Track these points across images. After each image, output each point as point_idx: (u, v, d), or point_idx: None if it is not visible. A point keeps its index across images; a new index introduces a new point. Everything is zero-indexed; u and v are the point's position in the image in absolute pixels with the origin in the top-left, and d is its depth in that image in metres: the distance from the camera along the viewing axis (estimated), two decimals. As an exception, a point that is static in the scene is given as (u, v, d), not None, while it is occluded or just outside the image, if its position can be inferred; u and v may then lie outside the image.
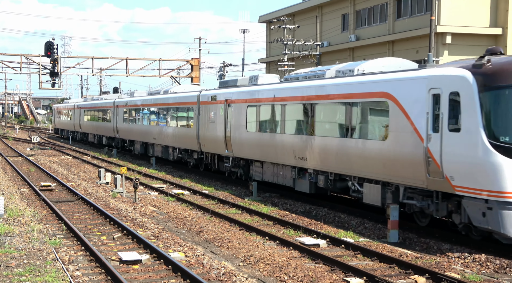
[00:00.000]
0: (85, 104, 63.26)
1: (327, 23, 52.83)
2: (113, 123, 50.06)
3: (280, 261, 14.66)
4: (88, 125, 61.68)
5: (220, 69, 71.84)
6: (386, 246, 16.33)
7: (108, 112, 52.14)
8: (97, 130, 57.38)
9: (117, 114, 48.87)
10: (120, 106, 48.54)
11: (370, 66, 20.66)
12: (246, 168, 28.21)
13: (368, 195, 19.27)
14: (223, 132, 29.18)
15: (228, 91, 29.60)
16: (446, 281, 12.78)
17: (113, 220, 19.41)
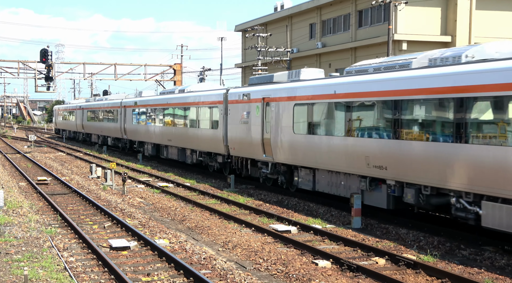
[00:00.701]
0: (88, 105, 57.06)
1: (296, 32, 52.91)
2: (120, 123, 44.12)
3: (255, 246, 14.65)
4: (92, 125, 55.44)
5: (200, 73, 71.72)
6: (350, 232, 16.40)
7: (114, 112, 46.06)
8: (102, 131, 51.04)
9: (125, 114, 43.04)
10: (128, 107, 42.52)
11: (479, 52, 15.01)
12: (288, 175, 22.67)
13: (490, 217, 13.49)
14: (259, 134, 23.47)
15: (266, 88, 23.48)
16: (403, 262, 12.87)
17: (103, 211, 19.24)
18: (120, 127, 44.34)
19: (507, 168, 12.76)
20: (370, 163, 17.21)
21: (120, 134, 44.89)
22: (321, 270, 12.54)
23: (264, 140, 23.16)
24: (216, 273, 12.15)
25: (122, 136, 44.41)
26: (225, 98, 26.80)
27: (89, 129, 56.74)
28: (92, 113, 54.85)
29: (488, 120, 13.75)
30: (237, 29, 63.33)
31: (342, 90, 18.61)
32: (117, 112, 45.06)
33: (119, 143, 46.99)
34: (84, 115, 57.83)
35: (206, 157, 29.80)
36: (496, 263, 12.99)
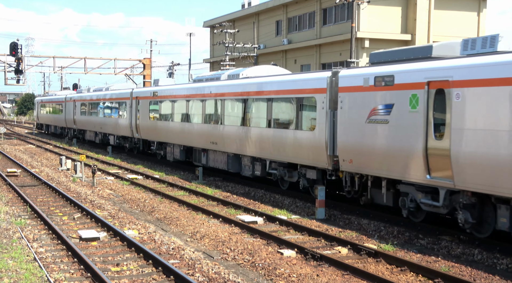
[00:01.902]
0: (83, 97, 47.01)
1: (263, 28, 52.89)
2: (130, 119, 35.22)
3: (223, 237, 14.63)
4: (87, 121, 45.28)
5: (169, 68, 71.26)
6: (314, 222, 16.50)
7: (121, 106, 37.26)
8: (102, 127, 41.50)
9: (137, 108, 34.12)
10: (142, 98, 33.58)
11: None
12: (479, 211, 13.63)
13: None
14: (421, 141, 14.30)
15: (438, 65, 14.04)
16: (364, 251, 13.00)
17: (73, 202, 18.97)
18: (130, 123, 35.25)
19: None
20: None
21: (129, 132, 35.79)
22: (286, 259, 12.59)
23: (431, 150, 14.12)
24: (184, 263, 12.10)
25: (133, 135, 35.29)
26: (331, 84, 17.85)
27: (83, 125, 46.77)
28: (88, 106, 45.12)
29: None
30: (206, 25, 63.02)
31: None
32: (126, 105, 36.24)
33: (125, 143, 37.60)
34: (76, 109, 48.04)
35: (283, 170, 20.68)
36: (452, 252, 13.22)
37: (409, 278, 11.42)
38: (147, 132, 32.95)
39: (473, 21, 42.81)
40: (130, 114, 35.46)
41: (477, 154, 12.85)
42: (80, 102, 47.20)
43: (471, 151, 13.01)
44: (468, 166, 13.09)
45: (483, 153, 12.73)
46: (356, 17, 37.62)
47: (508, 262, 12.19)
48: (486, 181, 12.70)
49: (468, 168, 13.09)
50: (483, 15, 43.12)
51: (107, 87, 43.06)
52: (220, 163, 24.88)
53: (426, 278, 11.34)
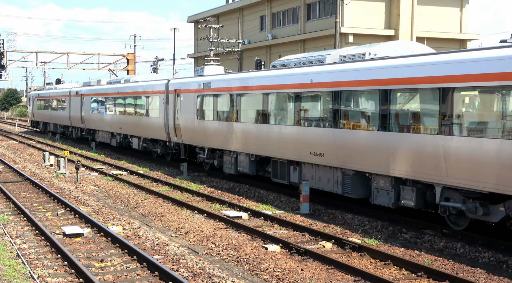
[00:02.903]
0: (93, 90, 39.63)
1: (248, 23, 52.81)
2: (166, 119, 27.85)
3: (207, 232, 14.62)
4: (100, 119, 37.96)
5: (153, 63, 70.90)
6: (298, 217, 16.54)
7: (152, 101, 30.00)
8: (122, 128, 33.85)
9: (178, 104, 26.61)
10: (185, 91, 25.86)
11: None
12: None
13: None
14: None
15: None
16: (349, 246, 13.07)
17: (57, 198, 18.84)
18: (165, 124, 27.99)
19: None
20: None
21: (162, 135, 28.56)
22: (271, 254, 12.62)
23: None
24: (169, 258, 12.08)
25: (169, 138, 28.01)
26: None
27: (94, 124, 39.28)
28: (101, 101, 37.95)
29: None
30: (190, 20, 62.77)
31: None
32: (158, 101, 29.07)
33: (155, 147, 30.46)
34: (85, 104, 40.47)
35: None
36: (435, 246, 13.34)
37: (392, 272, 11.50)
38: (192, 135, 25.33)
39: (455, 17, 43.11)
40: (165, 112, 27.94)
41: None
42: (90, 96, 39.39)
43: None
44: None
45: None
46: (340, 12, 37.69)
47: (490, 255, 12.32)
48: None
49: None
50: (466, 11, 43.42)
51: (127, 79, 35.80)
52: (327, 184, 17.42)
53: (410, 272, 11.43)
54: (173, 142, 27.81)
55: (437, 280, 10.84)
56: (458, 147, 12.73)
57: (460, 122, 12.90)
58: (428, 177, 13.71)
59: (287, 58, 20.72)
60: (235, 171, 22.45)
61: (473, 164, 12.40)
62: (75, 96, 43.06)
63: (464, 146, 12.61)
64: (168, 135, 28.00)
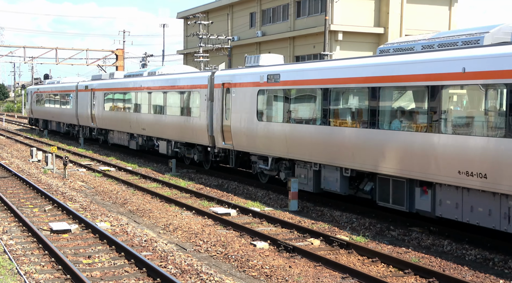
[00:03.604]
0: (107, 84, 34.37)
1: (237, 20, 52.74)
2: (208, 118, 22.93)
3: (196, 229, 14.61)
4: (116, 118, 32.62)
5: (142, 59, 70.65)
6: (287, 214, 16.57)
7: (191, 96, 24.64)
8: (147, 129, 28.62)
9: (224, 99, 21.74)
10: (238, 86, 20.96)
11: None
12: None
13: None
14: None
15: None
16: (337, 243, 13.11)
17: (44, 194, 18.74)
18: (209, 125, 22.84)
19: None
20: None
21: (204, 139, 23.36)
22: (259, 251, 12.63)
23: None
24: (157, 255, 12.06)
25: (213, 143, 22.84)
26: None
27: (108, 123, 34.15)
28: (119, 98, 32.56)
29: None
30: (179, 16, 62.58)
31: None
32: (198, 97, 23.81)
33: (191, 153, 25.41)
34: (97, 100, 35.30)
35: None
36: (422, 243, 13.41)
37: (380, 269, 11.55)
38: (248, 140, 20.40)
39: (444, 15, 43.29)
40: (208, 110, 22.90)
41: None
42: (103, 91, 34.46)
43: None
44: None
45: None
46: (329, 10, 37.73)
47: (477, 253, 12.41)
48: None
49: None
50: (455, 9, 43.63)
51: (152, 71, 30.06)
52: (487, 217, 12.42)
53: (397, 269, 11.48)
54: (219, 148, 22.56)
55: (424, 277, 10.90)
56: None
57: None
58: None
59: (404, 40, 15.75)
60: (315, 188, 17.45)
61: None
62: (83, 91, 37.33)
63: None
64: (212, 139, 22.74)
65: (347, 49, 39.86)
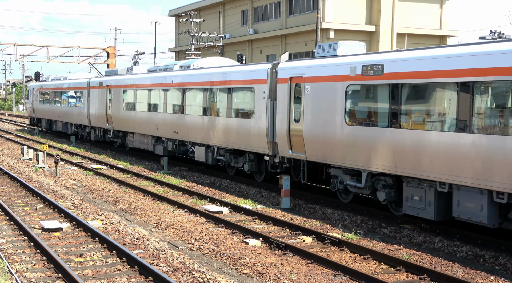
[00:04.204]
0: (130, 80, 29.86)
1: (229, 18, 52.68)
2: (268, 121, 18.95)
3: (188, 227, 14.60)
4: (139, 119, 28.41)
5: (134, 57, 70.46)
6: (279, 212, 16.58)
7: (243, 94, 20.77)
8: (180, 131, 24.38)
9: (291, 98, 17.91)
10: (315, 80, 16.99)
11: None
12: None
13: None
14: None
15: None
16: (328, 240, 13.14)
17: (35, 193, 18.66)
18: (270, 130, 18.88)
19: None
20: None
21: (262, 145, 19.23)
22: (251, 248, 12.64)
23: None
24: (149, 253, 12.04)
25: (274, 151, 18.91)
26: None
27: (129, 124, 29.86)
28: (143, 96, 28.16)
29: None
30: (171, 14, 62.43)
31: None
32: (251, 95, 19.84)
33: (238, 162, 21.28)
34: (114, 99, 31.20)
35: None
36: (414, 240, 13.46)
37: (371, 266, 11.59)
38: (328, 149, 16.39)
39: (436, 13, 43.44)
40: (268, 111, 18.91)
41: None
42: (122, 88, 30.47)
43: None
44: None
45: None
46: (321, 7, 37.75)
47: (467, 250, 12.47)
48: None
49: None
50: (446, 7, 43.78)
51: (186, 64, 25.67)
52: None
53: (388, 266, 11.52)
54: (283, 157, 18.40)
55: (416, 274, 10.95)
56: None
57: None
58: None
59: None
60: (440, 215, 13.43)
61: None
62: (97, 88, 33.42)
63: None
64: (273, 146, 18.76)
65: (339, 47, 39.90)
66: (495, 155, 11.78)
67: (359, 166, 15.33)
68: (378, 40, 40.48)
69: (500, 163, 11.67)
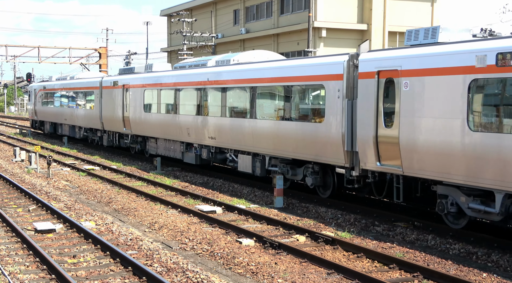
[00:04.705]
0: (152, 78, 26.41)
1: (221, 17, 52.66)
2: (344, 126, 15.56)
3: (181, 227, 14.59)
4: (165, 123, 25.14)
5: (126, 57, 70.33)
6: (272, 211, 16.60)
7: (300, 91, 17.73)
8: (219, 137, 21.23)
9: (378, 97, 14.50)
10: (413, 73, 13.54)
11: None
12: None
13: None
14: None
15: None
16: (322, 239, 13.16)
17: (28, 194, 18.60)
18: (346, 136, 15.63)
19: None
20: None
21: (336, 155, 16.00)
22: (245, 248, 12.64)
23: None
24: (142, 254, 12.03)
25: (351, 162, 15.70)
26: None
27: (151, 129, 26.37)
28: (169, 96, 24.78)
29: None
30: (163, 14, 62.33)
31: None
32: (319, 93, 17.23)
33: (297, 174, 18.16)
34: (133, 100, 27.53)
35: None
36: (407, 238, 13.51)
37: (365, 264, 11.62)
38: (447, 163, 12.85)
39: (427, 11, 43.56)
40: (344, 114, 15.65)
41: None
42: (143, 88, 26.76)
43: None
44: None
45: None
46: (313, 6, 37.81)
47: (460, 247, 12.53)
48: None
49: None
50: (437, 5, 43.92)
51: (224, 59, 22.24)
52: None
53: (382, 264, 11.56)
54: (367, 170, 15.14)
55: (409, 272, 10.99)
56: None
57: None
58: None
59: None
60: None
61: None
62: (111, 88, 29.94)
63: None
64: (351, 156, 15.57)
65: (331, 45, 39.99)
66: None
67: (490, 185, 11.87)
68: (370, 38, 40.55)
69: None
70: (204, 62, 23.60)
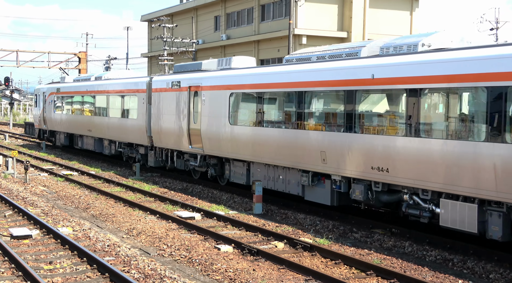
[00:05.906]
0: (242, 77, 18.79)
1: (202, 23, 52.67)
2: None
3: (160, 233, 14.53)
4: (286, 140, 16.62)
5: (106, 62, 69.92)
6: (251, 217, 16.60)
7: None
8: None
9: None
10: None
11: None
12: None
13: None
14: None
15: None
16: (300, 245, 13.20)
17: (4, 199, 18.37)
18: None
19: None
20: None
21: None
22: (223, 254, 12.63)
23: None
24: (120, 260, 11.95)
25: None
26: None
27: (259, 149, 17.89)
28: (288, 105, 17.12)
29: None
30: (143, 19, 62.14)
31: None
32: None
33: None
34: (209, 107, 20.26)
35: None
36: (384, 245, 13.60)
37: (342, 271, 11.68)
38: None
39: (406, 20, 44.03)
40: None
41: None
42: (229, 91, 19.25)
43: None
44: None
45: None
46: (293, 14, 37.99)
47: (437, 254, 12.65)
48: None
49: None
50: (416, 14, 44.41)
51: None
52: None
53: (359, 271, 11.62)
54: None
55: (386, 278, 11.06)
56: None
57: None
58: None
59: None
60: None
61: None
62: (167, 91, 22.90)
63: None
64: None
65: (311, 53, 40.19)
66: None
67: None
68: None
69: None
70: (357, 50, 15.14)
